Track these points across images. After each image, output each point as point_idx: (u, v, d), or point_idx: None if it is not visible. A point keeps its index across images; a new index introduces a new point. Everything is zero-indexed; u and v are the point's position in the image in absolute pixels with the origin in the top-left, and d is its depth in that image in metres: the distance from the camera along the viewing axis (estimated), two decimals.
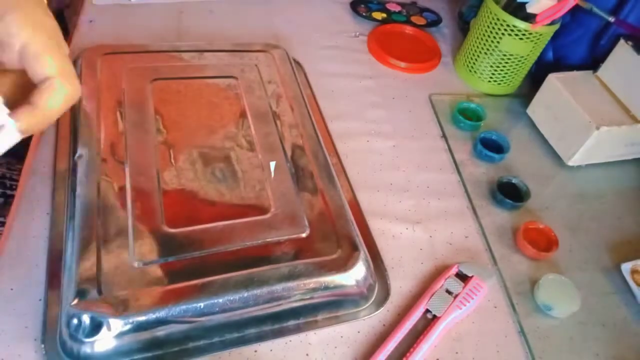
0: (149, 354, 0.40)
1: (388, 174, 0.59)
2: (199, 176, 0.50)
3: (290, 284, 0.44)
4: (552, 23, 0.63)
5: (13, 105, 0.32)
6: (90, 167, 0.48)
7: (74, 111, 0.53)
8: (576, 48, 0.70)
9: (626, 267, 0.52)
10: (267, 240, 0.46)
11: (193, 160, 0.51)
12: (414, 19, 0.82)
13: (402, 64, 0.73)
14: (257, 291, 0.43)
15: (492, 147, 0.62)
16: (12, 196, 0.52)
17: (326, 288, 0.45)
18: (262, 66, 0.63)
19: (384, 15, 0.81)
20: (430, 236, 0.54)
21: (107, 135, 0.51)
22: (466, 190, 0.59)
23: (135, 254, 0.43)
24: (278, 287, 0.43)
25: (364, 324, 0.46)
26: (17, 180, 0.54)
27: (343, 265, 0.46)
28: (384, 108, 0.67)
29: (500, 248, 0.54)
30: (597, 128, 0.59)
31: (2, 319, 0.41)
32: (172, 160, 0.50)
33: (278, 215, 0.48)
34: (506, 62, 0.69)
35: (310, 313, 0.45)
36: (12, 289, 0.43)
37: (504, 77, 0.71)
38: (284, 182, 0.51)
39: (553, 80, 0.64)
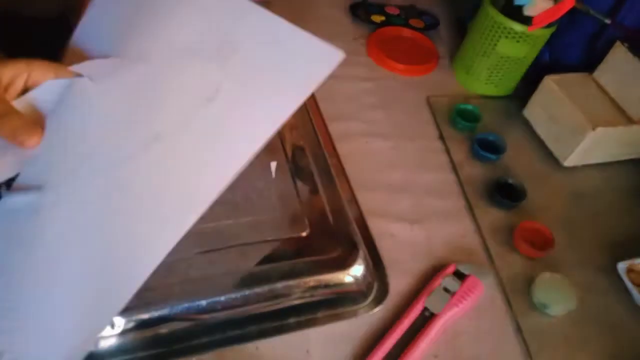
0: (152, 352, 0.41)
1: (387, 174, 0.60)
2: None
3: (291, 282, 0.44)
4: (549, 25, 0.64)
5: None
6: None
7: None
8: (573, 50, 0.71)
9: (622, 266, 0.53)
10: (269, 239, 0.46)
11: None
12: (412, 22, 0.82)
13: (401, 67, 0.74)
14: (258, 289, 0.43)
15: (489, 148, 0.63)
16: None
17: (326, 286, 0.45)
18: None
19: (383, 18, 0.82)
20: (428, 235, 0.55)
21: None
22: (463, 191, 0.60)
23: None
24: (279, 285, 0.44)
25: (363, 321, 0.46)
26: None
27: (342, 263, 0.47)
28: (383, 110, 0.68)
29: (497, 247, 0.55)
30: (593, 129, 0.59)
31: None
32: None
33: (279, 214, 0.49)
34: (503, 64, 0.69)
35: (311, 310, 0.45)
36: None
37: (500, 79, 0.71)
38: (285, 182, 0.52)
39: (549, 82, 0.65)
